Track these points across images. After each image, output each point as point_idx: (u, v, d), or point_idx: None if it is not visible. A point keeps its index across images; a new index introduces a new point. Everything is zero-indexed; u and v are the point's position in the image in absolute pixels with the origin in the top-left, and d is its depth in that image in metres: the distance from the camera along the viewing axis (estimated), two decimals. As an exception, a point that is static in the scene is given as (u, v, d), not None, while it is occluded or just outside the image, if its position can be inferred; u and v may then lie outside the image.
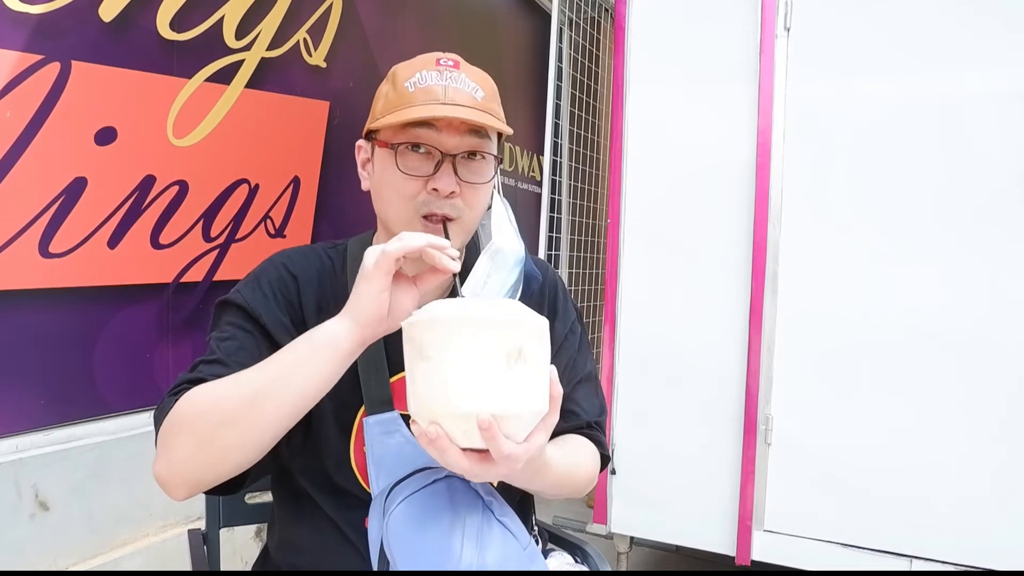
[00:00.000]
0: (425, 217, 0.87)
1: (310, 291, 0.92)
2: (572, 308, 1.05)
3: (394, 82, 0.89)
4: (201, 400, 0.77)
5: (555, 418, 0.71)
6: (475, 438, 0.65)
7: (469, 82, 0.88)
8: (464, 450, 0.67)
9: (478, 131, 0.88)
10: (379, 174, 0.91)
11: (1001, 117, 1.69)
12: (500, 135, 0.95)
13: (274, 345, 0.86)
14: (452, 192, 0.86)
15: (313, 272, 0.93)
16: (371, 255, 0.75)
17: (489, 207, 0.95)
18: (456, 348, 0.65)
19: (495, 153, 0.91)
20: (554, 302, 1.02)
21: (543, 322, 0.70)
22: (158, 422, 0.81)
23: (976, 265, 1.72)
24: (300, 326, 0.89)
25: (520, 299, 0.89)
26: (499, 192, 0.96)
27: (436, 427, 0.66)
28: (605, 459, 1.02)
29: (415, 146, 0.86)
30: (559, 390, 0.71)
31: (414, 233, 0.75)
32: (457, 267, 0.76)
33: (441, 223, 0.87)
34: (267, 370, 0.76)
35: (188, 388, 0.80)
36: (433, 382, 0.66)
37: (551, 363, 0.71)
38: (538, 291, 1.00)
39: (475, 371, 0.65)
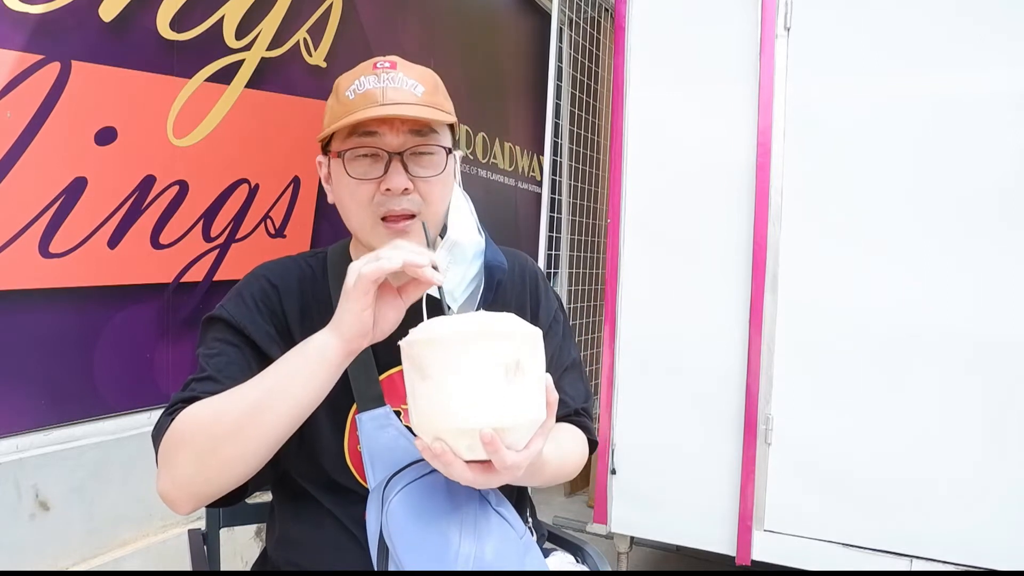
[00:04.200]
0: (384, 219, 0.88)
1: (292, 299, 0.93)
2: (554, 297, 1.07)
3: (336, 93, 0.91)
4: (199, 416, 0.79)
5: (552, 422, 0.75)
6: (478, 451, 0.68)
7: (407, 80, 0.89)
8: (468, 462, 0.70)
9: (422, 126, 0.88)
10: (336, 185, 0.92)
11: (1002, 118, 1.69)
12: (453, 127, 0.96)
13: (262, 355, 0.88)
14: (405, 189, 0.87)
15: (293, 280, 0.95)
16: (352, 274, 0.75)
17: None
18: (456, 367, 0.67)
19: (446, 145, 0.91)
20: (536, 291, 1.04)
21: (536, 332, 0.72)
22: (157, 441, 0.82)
23: (979, 265, 1.71)
24: (285, 334, 0.91)
25: (485, 289, 0.93)
26: (459, 184, 0.97)
27: (440, 443, 0.69)
28: (593, 444, 1.05)
29: (363, 152, 0.88)
30: (555, 396, 0.74)
31: (392, 251, 0.75)
32: (442, 279, 0.77)
33: (401, 221, 0.88)
34: (263, 383, 0.78)
35: (183, 407, 0.81)
36: (435, 400, 0.68)
37: None
38: (519, 281, 1.02)
39: (476, 388, 0.67)
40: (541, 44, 3.22)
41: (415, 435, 0.72)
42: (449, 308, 0.80)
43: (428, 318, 0.73)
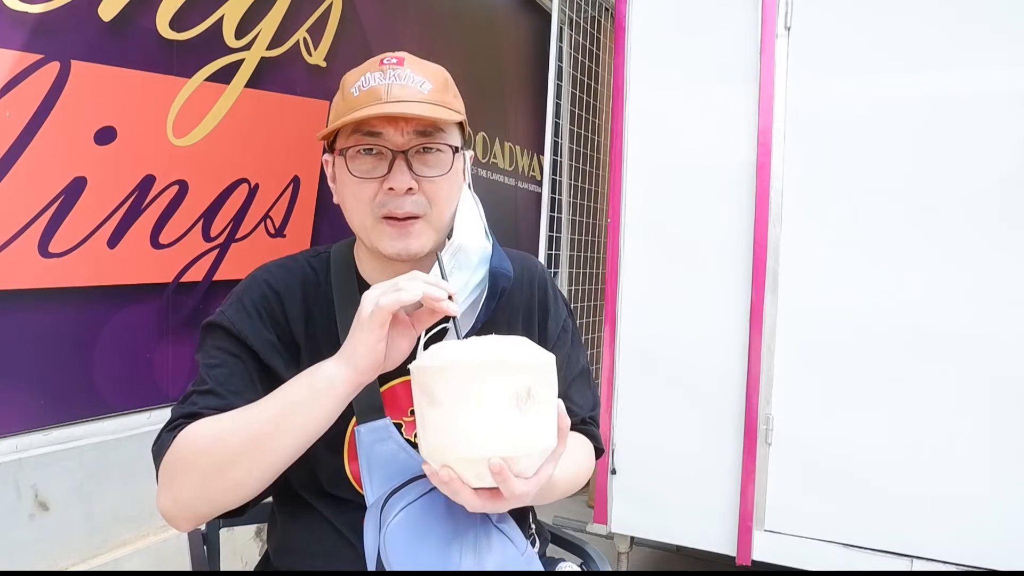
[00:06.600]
0: (386, 218, 0.86)
1: (295, 305, 0.91)
2: (563, 304, 1.05)
3: (342, 90, 0.88)
4: (202, 438, 0.78)
5: (563, 448, 0.73)
6: (487, 479, 0.68)
7: (415, 77, 0.85)
8: (476, 489, 0.69)
9: (428, 125, 0.85)
10: (339, 184, 0.90)
11: (1002, 118, 1.69)
12: (463, 126, 0.93)
13: (263, 366, 0.87)
14: (409, 189, 0.84)
15: (296, 285, 0.92)
16: (367, 303, 0.74)
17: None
18: (466, 396, 0.67)
19: (453, 144, 0.88)
20: (544, 299, 1.02)
21: (549, 359, 0.71)
22: (157, 457, 0.81)
23: (978, 265, 1.71)
24: (288, 341, 0.89)
25: (488, 298, 0.90)
26: (470, 186, 0.94)
27: (448, 470, 0.68)
28: (599, 452, 1.03)
29: (367, 149, 0.85)
30: (567, 422, 0.73)
31: (411, 282, 0.73)
32: (458, 310, 0.75)
33: (406, 222, 0.85)
34: (268, 410, 0.77)
35: (184, 423, 0.80)
36: (444, 428, 0.68)
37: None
38: (527, 289, 1.00)
39: (485, 417, 0.67)
40: (541, 44, 3.22)
41: (423, 460, 0.71)
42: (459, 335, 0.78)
43: (434, 341, 0.72)
